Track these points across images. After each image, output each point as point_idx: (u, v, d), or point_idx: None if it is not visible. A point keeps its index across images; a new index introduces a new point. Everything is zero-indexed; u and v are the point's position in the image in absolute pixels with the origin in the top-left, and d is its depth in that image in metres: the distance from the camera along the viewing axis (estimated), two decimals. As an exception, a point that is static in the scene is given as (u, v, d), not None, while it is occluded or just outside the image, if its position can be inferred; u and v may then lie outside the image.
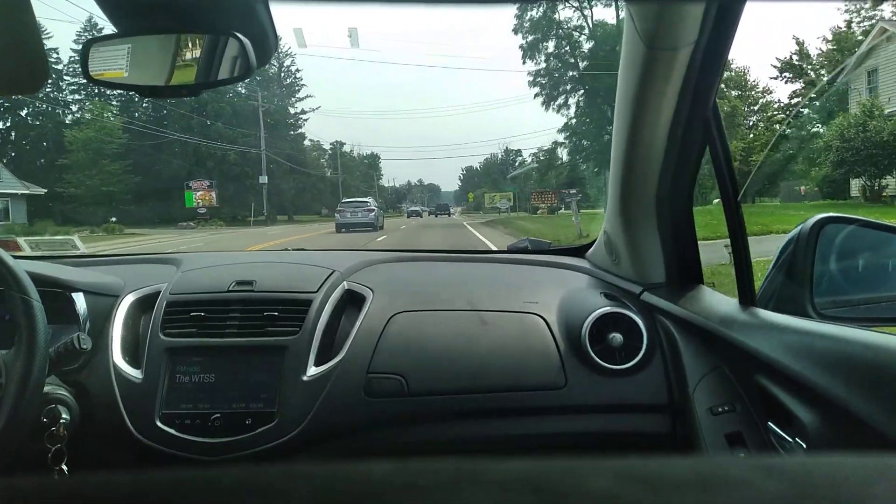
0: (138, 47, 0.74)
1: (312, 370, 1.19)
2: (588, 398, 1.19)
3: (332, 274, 1.36)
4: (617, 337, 1.20)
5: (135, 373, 1.19)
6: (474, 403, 1.19)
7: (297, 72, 38.54)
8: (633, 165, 1.19)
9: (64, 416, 1.09)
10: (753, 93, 25.43)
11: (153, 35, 0.74)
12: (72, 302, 1.26)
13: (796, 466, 0.26)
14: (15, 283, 1.01)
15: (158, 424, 1.14)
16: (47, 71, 0.70)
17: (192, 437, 1.13)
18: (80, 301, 1.27)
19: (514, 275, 1.52)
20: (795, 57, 22.14)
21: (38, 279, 1.08)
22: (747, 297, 1.03)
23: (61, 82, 31.62)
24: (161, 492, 0.24)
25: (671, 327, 1.19)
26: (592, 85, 27.41)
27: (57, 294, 1.24)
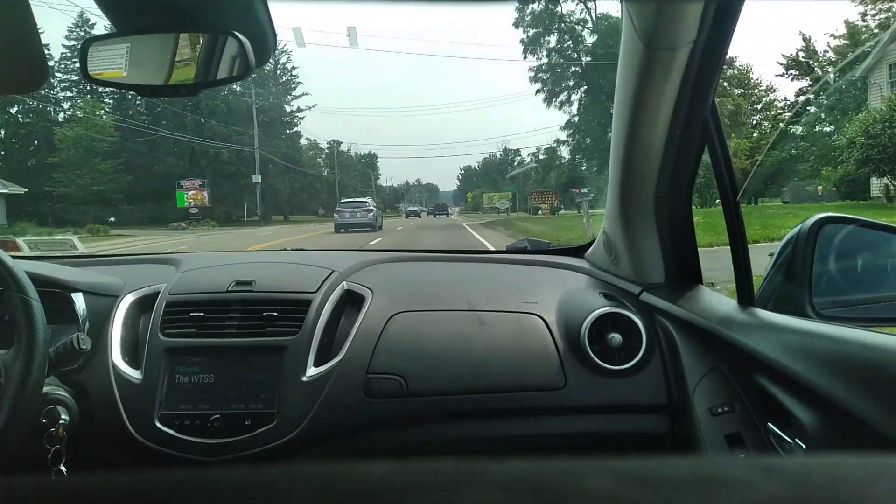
0: (137, 46, 0.75)
1: (312, 370, 1.20)
2: (587, 398, 1.20)
3: (331, 274, 1.37)
4: (616, 337, 1.21)
5: (134, 373, 1.20)
6: (473, 404, 1.20)
7: (293, 69, 38.36)
8: (632, 165, 1.20)
9: (63, 416, 1.10)
10: (756, 91, 25.29)
11: (152, 34, 0.74)
12: (71, 302, 1.27)
13: (796, 467, 0.26)
14: (14, 282, 1.01)
15: (158, 425, 1.15)
16: (46, 71, 0.71)
17: (191, 437, 1.14)
18: (79, 301, 1.28)
19: (513, 275, 1.54)
20: (802, 54, 21.91)
21: (37, 279, 1.08)
22: (746, 297, 1.04)
23: (52, 79, 31.29)
24: (160, 492, 0.24)
25: (670, 327, 1.20)
26: (596, 81, 26.76)
27: (56, 294, 1.25)
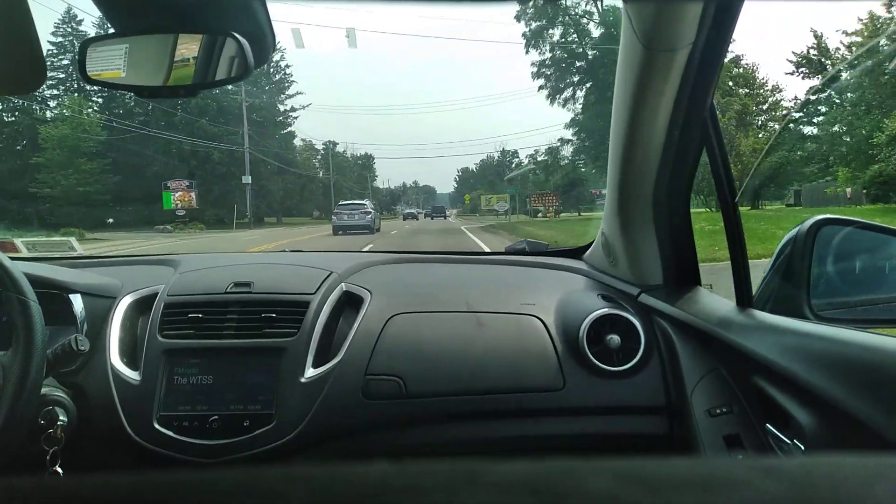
0: (136, 47, 0.77)
1: (310, 372, 1.22)
2: (586, 400, 1.23)
3: (329, 275, 1.40)
4: (614, 339, 1.24)
5: (132, 374, 1.23)
6: (472, 405, 1.22)
7: (287, 67, 38.35)
8: (631, 166, 1.23)
9: (61, 418, 1.11)
10: (762, 91, 25.13)
11: (151, 35, 0.76)
12: (69, 303, 1.29)
13: (795, 467, 0.26)
14: (12, 283, 1.03)
15: (156, 426, 1.17)
16: (45, 71, 0.74)
17: (189, 439, 1.16)
18: (77, 302, 1.30)
19: (511, 276, 1.56)
20: (814, 51, 21.59)
21: (35, 280, 1.10)
22: (744, 299, 1.06)
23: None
24: (159, 494, 0.25)
25: (668, 329, 1.23)
26: (603, 76, 25.61)
27: (54, 295, 1.27)
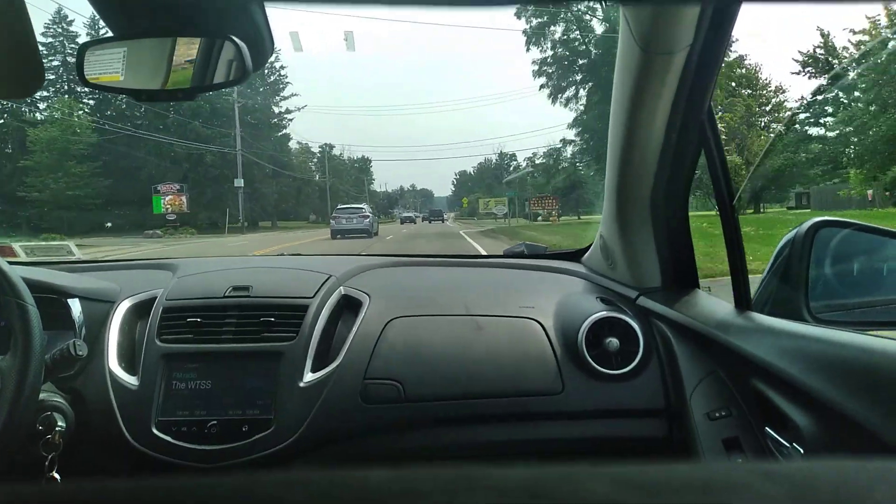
0: (134, 51, 0.78)
1: (309, 376, 1.24)
2: (585, 403, 1.24)
3: (328, 279, 1.41)
4: (613, 342, 1.25)
5: (131, 379, 1.24)
6: (471, 409, 1.24)
7: (282, 69, 38.31)
8: (629, 169, 1.25)
9: (59, 423, 1.12)
10: (765, 92, 25.13)
11: (149, 38, 0.78)
12: (67, 308, 1.30)
13: (795, 470, 0.27)
14: (10, 288, 1.04)
15: (154, 431, 1.18)
16: (43, 75, 0.75)
17: (188, 444, 1.17)
18: (75, 307, 1.31)
19: (510, 280, 1.58)
20: (820, 50, 21.39)
21: (33, 285, 1.11)
22: (743, 301, 1.08)
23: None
24: (157, 499, 0.25)
25: (667, 332, 1.25)
26: (608, 74, 25.90)
27: (53, 300, 1.29)
